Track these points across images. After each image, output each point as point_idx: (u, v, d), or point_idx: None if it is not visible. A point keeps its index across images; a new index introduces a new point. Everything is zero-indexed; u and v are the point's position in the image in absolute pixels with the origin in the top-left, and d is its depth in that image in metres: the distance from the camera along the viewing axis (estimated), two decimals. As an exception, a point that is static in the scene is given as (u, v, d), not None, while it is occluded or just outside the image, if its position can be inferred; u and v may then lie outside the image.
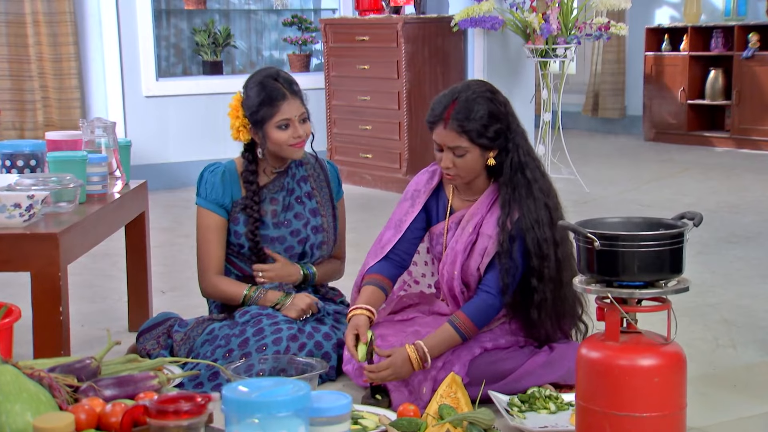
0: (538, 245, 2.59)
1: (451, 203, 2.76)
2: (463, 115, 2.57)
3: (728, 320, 3.38)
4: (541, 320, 2.64)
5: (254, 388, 1.54)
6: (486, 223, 2.67)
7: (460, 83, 2.67)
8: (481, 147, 2.59)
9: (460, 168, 2.62)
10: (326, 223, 3.03)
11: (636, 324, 2.13)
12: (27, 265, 2.53)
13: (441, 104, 2.61)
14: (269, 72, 2.94)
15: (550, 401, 2.52)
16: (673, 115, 8.43)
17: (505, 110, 2.62)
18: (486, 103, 2.58)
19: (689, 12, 8.41)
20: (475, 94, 2.59)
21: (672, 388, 2.08)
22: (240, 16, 7.24)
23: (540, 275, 2.61)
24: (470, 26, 5.98)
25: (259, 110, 2.89)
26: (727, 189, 6.17)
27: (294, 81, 2.96)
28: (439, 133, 2.61)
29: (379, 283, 2.72)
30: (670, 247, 2.08)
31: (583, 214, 5.25)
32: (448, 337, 2.58)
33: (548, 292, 2.61)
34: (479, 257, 2.66)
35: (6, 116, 6.08)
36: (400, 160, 6.12)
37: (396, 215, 2.80)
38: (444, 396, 2.44)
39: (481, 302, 2.62)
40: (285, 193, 3.01)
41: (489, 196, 2.70)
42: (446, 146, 2.60)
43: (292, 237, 2.98)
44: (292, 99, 2.90)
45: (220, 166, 2.99)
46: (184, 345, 2.80)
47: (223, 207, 2.96)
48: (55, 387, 1.80)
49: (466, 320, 2.59)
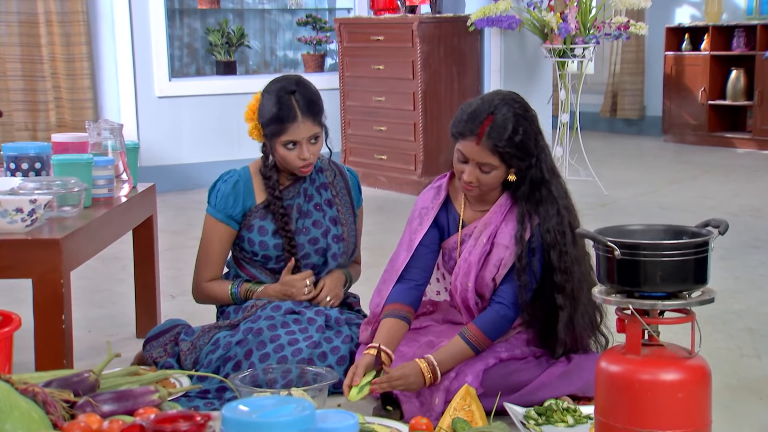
0: (562, 261, 2.53)
1: (462, 216, 2.68)
2: (499, 135, 2.48)
3: (752, 329, 3.28)
4: (562, 338, 2.57)
5: (255, 408, 1.46)
6: (501, 233, 2.60)
7: (494, 95, 2.56)
8: (509, 166, 2.53)
9: (483, 183, 2.55)
10: (347, 233, 2.97)
11: (658, 336, 2.06)
12: (29, 271, 2.46)
13: (476, 118, 2.50)
14: (288, 85, 2.83)
15: (567, 414, 2.45)
16: (693, 116, 8.32)
17: (536, 128, 2.55)
18: (522, 124, 2.50)
19: (710, 11, 8.30)
20: (512, 111, 2.50)
21: (696, 404, 2.00)
22: (254, 16, 7.19)
23: (563, 291, 2.54)
24: (487, 26, 5.92)
25: (268, 125, 2.83)
26: (750, 191, 6.06)
27: (312, 98, 2.84)
28: (470, 147, 2.51)
29: (399, 313, 2.63)
30: (695, 256, 2.00)
31: (601, 217, 5.16)
32: (459, 351, 2.52)
33: (570, 307, 2.55)
34: (495, 268, 2.60)
35: (18, 117, 6.05)
36: (415, 161, 6.05)
37: (406, 236, 2.71)
38: (458, 409, 2.37)
39: (494, 314, 2.56)
40: (303, 199, 2.94)
41: (502, 205, 2.62)
42: (474, 161, 2.52)
43: (310, 245, 2.92)
44: (303, 120, 2.80)
45: (234, 175, 2.92)
46: (191, 354, 2.75)
47: (232, 218, 2.91)
48: (49, 403, 1.73)
49: (478, 333, 2.54)
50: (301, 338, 2.71)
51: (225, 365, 2.69)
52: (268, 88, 2.86)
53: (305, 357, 2.67)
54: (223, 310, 2.96)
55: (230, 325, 2.80)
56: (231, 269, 3.02)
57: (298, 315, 2.79)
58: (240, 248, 2.95)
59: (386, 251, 2.89)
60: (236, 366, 2.67)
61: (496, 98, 2.53)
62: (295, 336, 2.71)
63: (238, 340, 2.70)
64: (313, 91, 2.86)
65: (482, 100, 2.54)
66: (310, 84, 2.88)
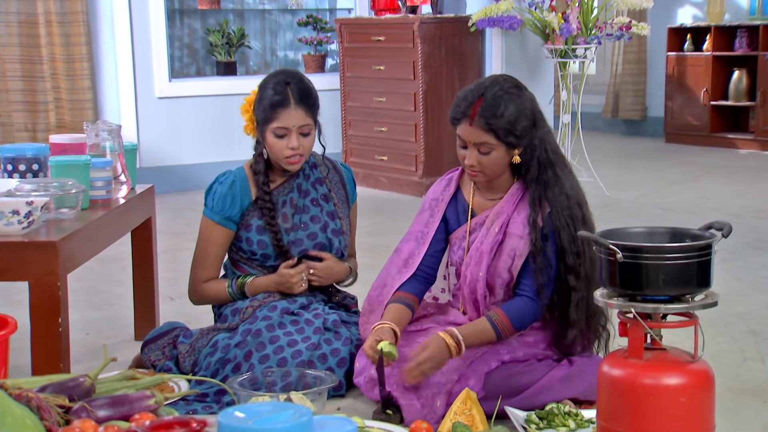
0: (573, 242, 2.52)
1: (472, 205, 2.67)
2: (490, 112, 2.50)
3: (756, 331, 3.26)
4: (578, 320, 2.55)
5: (252, 414, 1.44)
6: (513, 223, 2.59)
7: (487, 78, 2.61)
8: (507, 145, 2.53)
9: (485, 166, 2.55)
10: (345, 226, 2.97)
11: (661, 340, 2.04)
12: (25, 274, 2.44)
13: (467, 100, 2.55)
14: (286, 75, 2.85)
15: (569, 418, 2.42)
16: (695, 117, 8.29)
17: (531, 107, 2.56)
18: (513, 100, 2.52)
19: (713, 11, 8.27)
20: (502, 90, 2.53)
21: (699, 408, 1.98)
22: (254, 16, 7.16)
23: (577, 273, 2.53)
24: (488, 26, 5.90)
25: (261, 111, 2.83)
26: (752, 192, 6.03)
27: (308, 92, 2.84)
28: (465, 130, 2.54)
29: (404, 300, 2.63)
30: (698, 259, 1.98)
31: (603, 219, 5.13)
32: (482, 330, 2.51)
33: (584, 289, 2.53)
34: (509, 259, 2.58)
35: (18, 117, 6.03)
36: (416, 162, 6.03)
37: (416, 227, 2.71)
38: (458, 413, 2.35)
39: (520, 303, 2.55)
40: (297, 194, 2.92)
41: (514, 194, 2.62)
42: (471, 143, 2.54)
43: (309, 240, 2.90)
44: (295, 108, 2.80)
45: (229, 176, 2.91)
46: (189, 357, 2.73)
47: (229, 219, 2.90)
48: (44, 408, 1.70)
49: (504, 318, 2.52)
50: (300, 339, 2.69)
51: (224, 367, 2.67)
52: (265, 79, 2.89)
53: (305, 359, 2.65)
54: (221, 313, 2.94)
55: (229, 328, 2.78)
56: (228, 271, 3.00)
57: (296, 316, 2.78)
58: (237, 248, 2.93)
59: (386, 252, 2.86)
60: (235, 368, 2.65)
61: (488, 80, 2.58)
62: (293, 337, 2.70)
63: (237, 342, 2.68)
64: (309, 85, 2.88)
65: (474, 84, 2.59)
66: (307, 79, 2.90)
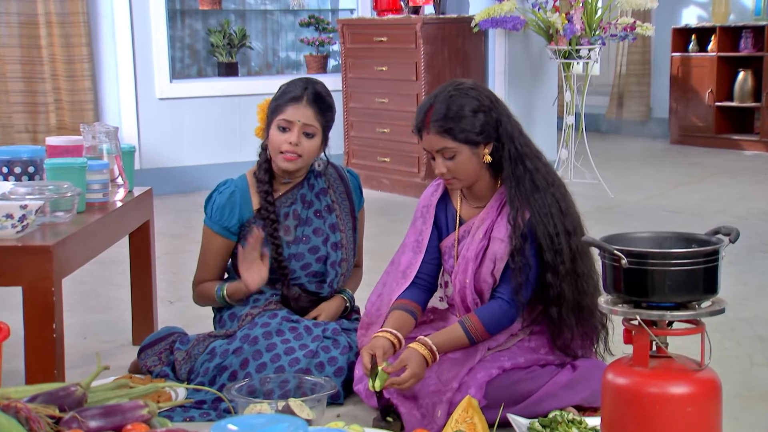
0: (549, 239, 2.49)
1: (460, 213, 2.65)
2: (441, 115, 2.49)
3: (763, 336, 3.21)
4: (563, 318, 2.51)
5: (245, 427, 1.40)
6: (497, 227, 2.56)
7: (440, 86, 2.59)
8: (469, 144, 2.50)
9: (456, 171, 2.52)
10: (345, 239, 2.92)
11: (667, 348, 1.99)
12: (19, 279, 2.39)
13: (421, 111, 2.54)
14: (308, 80, 2.87)
15: (573, 426, 2.38)
16: (700, 118, 8.24)
17: (489, 103, 2.52)
18: (463, 99, 2.50)
19: (717, 11, 8.22)
20: (453, 91, 2.51)
21: (706, 418, 1.94)
22: (256, 17, 7.13)
23: (555, 270, 2.49)
24: (491, 26, 5.86)
25: (274, 103, 2.84)
26: (758, 194, 5.98)
27: (323, 97, 2.83)
28: (425, 140, 2.54)
29: (405, 307, 2.60)
30: (704, 265, 1.94)
31: (607, 221, 5.09)
32: (456, 336, 2.51)
33: (565, 286, 2.50)
34: (491, 263, 2.55)
35: (18, 119, 6.00)
36: (418, 164, 5.99)
37: (410, 238, 2.69)
38: (460, 421, 2.31)
39: (495, 307, 2.52)
40: (301, 206, 2.88)
41: (497, 199, 2.59)
42: (434, 151, 2.53)
43: (310, 254, 2.87)
44: (305, 106, 2.79)
45: (230, 185, 2.88)
46: (186, 364, 2.69)
47: (228, 229, 2.88)
48: (33, 419, 1.66)
49: (477, 323, 2.51)
50: (297, 346, 2.66)
51: (221, 374, 2.63)
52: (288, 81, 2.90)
53: (303, 367, 2.62)
54: (220, 317, 2.91)
55: (226, 335, 2.75)
56: (231, 275, 2.97)
57: (295, 323, 2.74)
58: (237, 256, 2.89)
59: (389, 255, 2.83)
60: (232, 375, 2.62)
61: (439, 88, 2.57)
62: (291, 345, 2.66)
63: (234, 349, 2.65)
64: (327, 93, 2.88)
65: (430, 94, 2.57)
66: (327, 89, 2.89)
